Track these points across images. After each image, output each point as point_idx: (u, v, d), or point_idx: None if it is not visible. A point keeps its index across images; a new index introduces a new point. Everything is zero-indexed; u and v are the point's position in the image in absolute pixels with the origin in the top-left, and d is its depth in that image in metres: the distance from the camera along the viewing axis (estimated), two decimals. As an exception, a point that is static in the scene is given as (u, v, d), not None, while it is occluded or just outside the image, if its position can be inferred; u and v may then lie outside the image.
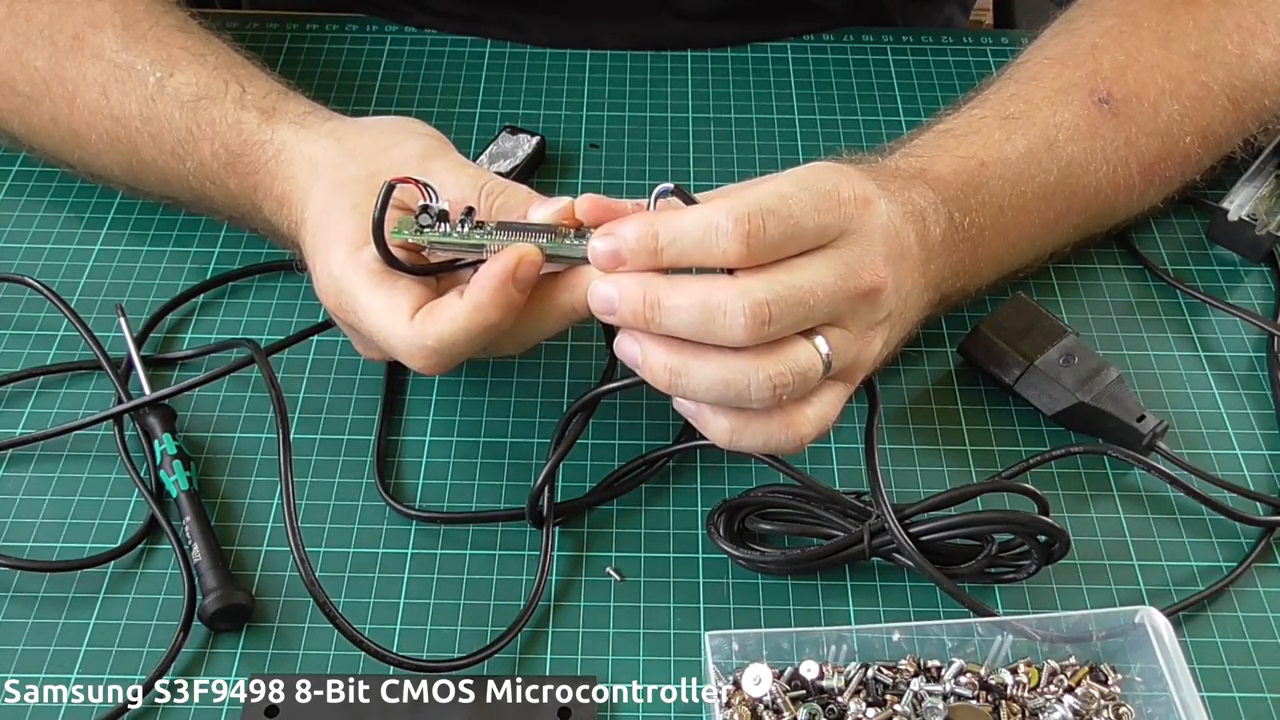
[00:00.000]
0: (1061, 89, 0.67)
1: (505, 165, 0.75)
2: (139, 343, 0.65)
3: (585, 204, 0.54)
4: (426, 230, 0.55)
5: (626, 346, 0.53)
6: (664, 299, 0.51)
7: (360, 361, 0.66)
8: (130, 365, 0.64)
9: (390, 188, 0.53)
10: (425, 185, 0.55)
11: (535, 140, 0.77)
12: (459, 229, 0.54)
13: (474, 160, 0.75)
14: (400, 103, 0.82)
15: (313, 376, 0.66)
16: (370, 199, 0.53)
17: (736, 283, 0.50)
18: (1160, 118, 0.68)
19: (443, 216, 0.55)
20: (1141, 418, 0.62)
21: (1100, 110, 0.66)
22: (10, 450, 0.62)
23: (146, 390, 0.63)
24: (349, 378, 0.66)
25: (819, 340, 0.52)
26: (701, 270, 0.52)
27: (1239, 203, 0.73)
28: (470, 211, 0.55)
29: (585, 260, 0.53)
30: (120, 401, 0.63)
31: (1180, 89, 0.68)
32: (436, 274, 0.56)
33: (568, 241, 0.54)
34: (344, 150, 0.60)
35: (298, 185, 0.61)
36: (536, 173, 0.77)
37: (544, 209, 0.55)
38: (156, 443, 0.61)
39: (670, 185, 0.52)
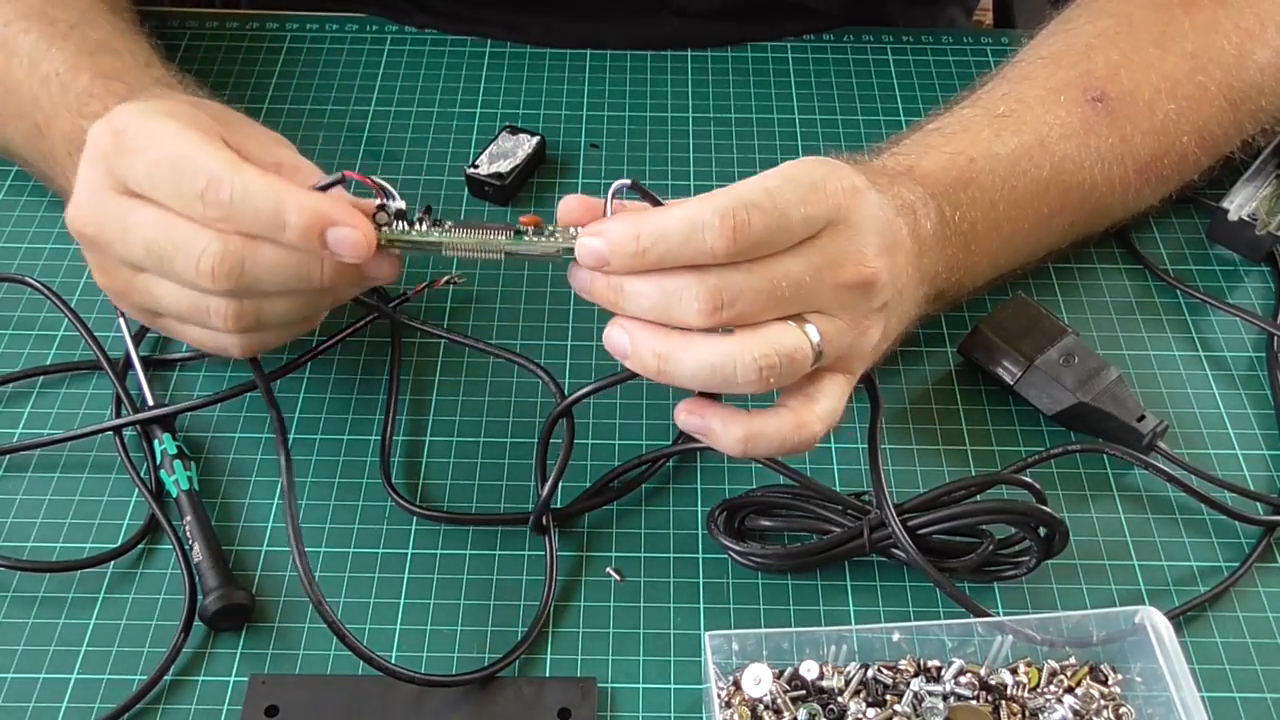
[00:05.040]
0: (1054, 88, 0.67)
1: (505, 165, 0.75)
2: (138, 342, 0.65)
3: (570, 203, 0.53)
4: (384, 229, 0.54)
5: (615, 338, 0.53)
6: (625, 284, 0.51)
7: (361, 361, 0.66)
8: (130, 365, 0.64)
9: (342, 177, 0.53)
10: (381, 185, 0.54)
11: (535, 140, 0.77)
12: (418, 228, 0.54)
13: (474, 160, 0.75)
14: (400, 103, 0.82)
15: (313, 376, 0.66)
16: (196, 128, 0.52)
17: (694, 269, 0.51)
18: (1156, 117, 0.68)
19: (400, 215, 0.54)
20: (1141, 418, 0.62)
21: (1094, 109, 0.66)
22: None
23: (146, 390, 0.63)
24: (349, 377, 0.66)
25: (809, 328, 0.52)
26: None
27: (1239, 203, 0.73)
28: (429, 210, 0.55)
29: (547, 256, 0.53)
30: (120, 402, 0.63)
31: (1176, 89, 0.68)
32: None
33: (526, 238, 0.54)
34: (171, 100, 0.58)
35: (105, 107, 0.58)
36: (536, 173, 0.77)
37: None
38: (156, 442, 0.61)
39: (628, 181, 0.52)
